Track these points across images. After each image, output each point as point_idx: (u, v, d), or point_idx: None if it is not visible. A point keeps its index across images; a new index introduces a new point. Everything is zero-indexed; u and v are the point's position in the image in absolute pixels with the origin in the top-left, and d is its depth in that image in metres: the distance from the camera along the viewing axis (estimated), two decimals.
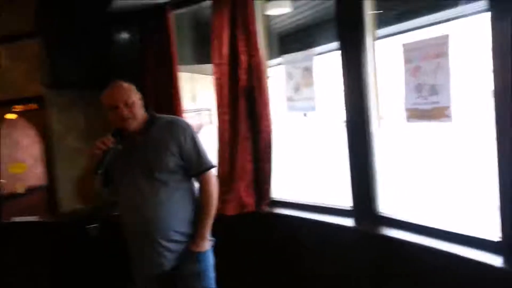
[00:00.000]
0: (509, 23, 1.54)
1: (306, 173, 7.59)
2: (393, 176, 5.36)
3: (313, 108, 2.50)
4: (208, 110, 4.77)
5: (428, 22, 2.17)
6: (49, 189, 3.45)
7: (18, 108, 3.66)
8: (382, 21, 2.29)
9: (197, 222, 1.92)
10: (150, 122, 1.93)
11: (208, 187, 1.93)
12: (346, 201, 2.35)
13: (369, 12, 2.17)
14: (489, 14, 1.63)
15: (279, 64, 2.90)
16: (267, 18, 2.97)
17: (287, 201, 2.69)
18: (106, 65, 3.09)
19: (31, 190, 4.24)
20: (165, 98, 3.03)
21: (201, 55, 3.70)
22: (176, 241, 1.88)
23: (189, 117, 3.07)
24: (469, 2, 1.88)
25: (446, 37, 1.79)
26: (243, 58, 2.64)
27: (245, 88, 2.67)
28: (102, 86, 3.22)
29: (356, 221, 2.26)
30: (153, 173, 1.84)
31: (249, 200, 2.66)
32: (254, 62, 2.62)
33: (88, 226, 3.13)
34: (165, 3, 2.94)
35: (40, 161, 3.99)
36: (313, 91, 2.47)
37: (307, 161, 8.44)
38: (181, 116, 3.03)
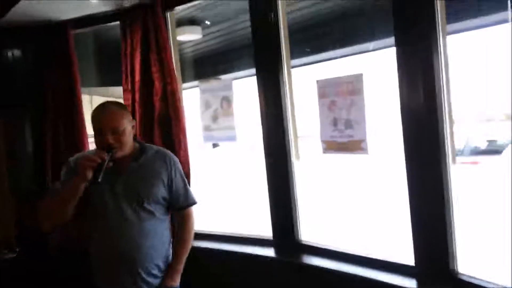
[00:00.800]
0: (414, 57, 1.70)
1: (226, 203, 7.53)
2: (312, 205, 5.61)
3: (233, 138, 2.48)
4: None
5: (341, 54, 2.31)
6: None
7: None
8: (296, 52, 2.39)
9: (173, 256, 1.91)
10: (140, 150, 1.87)
11: (190, 222, 1.95)
12: (266, 231, 2.37)
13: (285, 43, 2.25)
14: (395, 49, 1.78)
15: (193, 87, 2.86)
16: (178, 43, 2.91)
17: (206, 233, 2.62)
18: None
19: None
20: (67, 122, 2.79)
21: (105, 77, 3.48)
22: (154, 275, 1.84)
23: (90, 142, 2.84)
24: (379, 38, 2.04)
25: (360, 76, 1.91)
26: (158, 85, 2.53)
27: (160, 116, 2.56)
28: None
29: (277, 250, 2.29)
30: (142, 203, 1.79)
31: None
32: (169, 89, 2.53)
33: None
34: (65, 22, 2.72)
35: None
36: (232, 120, 2.46)
37: (226, 192, 8.38)
38: (86, 143, 2.81)
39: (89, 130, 3.11)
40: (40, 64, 2.83)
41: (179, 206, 1.92)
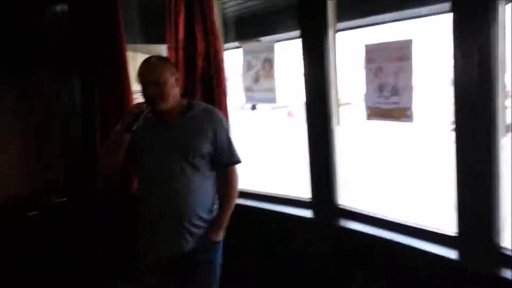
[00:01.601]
0: (470, 26, 1.63)
1: (266, 164, 7.59)
2: (353, 170, 5.58)
3: (273, 100, 2.49)
4: None
5: (391, 19, 2.22)
6: None
7: None
8: (343, 14, 2.32)
9: (218, 211, 1.97)
10: (188, 106, 1.90)
11: (234, 180, 1.98)
12: (305, 192, 2.42)
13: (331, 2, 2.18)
14: (451, 15, 1.69)
15: (235, 48, 2.86)
16: (220, 1, 2.88)
17: (246, 191, 2.69)
18: (41, 40, 2.84)
19: None
20: (113, 79, 2.86)
21: (149, 35, 3.50)
22: (198, 226, 1.90)
23: (136, 99, 2.92)
24: (434, 3, 1.94)
25: (409, 42, 1.85)
26: (201, 44, 2.54)
27: (203, 76, 2.59)
28: (37, 63, 3.02)
29: (315, 212, 2.34)
30: (188, 157, 1.84)
31: None
32: (212, 49, 2.54)
33: (28, 214, 2.92)
34: None
35: None
36: (273, 82, 2.46)
37: (267, 153, 8.44)
38: (129, 97, 2.89)
39: (134, 86, 3.21)
40: (86, 20, 2.88)
41: (223, 162, 1.94)
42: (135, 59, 3.67)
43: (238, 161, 1.98)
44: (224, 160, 1.94)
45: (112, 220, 2.92)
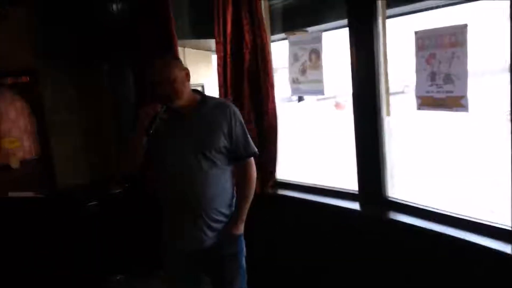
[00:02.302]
0: None
1: (313, 155, 7.55)
2: (402, 161, 5.41)
3: (321, 92, 2.47)
4: (201, 86, 4.68)
5: (444, 3, 2.12)
6: (43, 163, 3.40)
7: (8, 80, 3.51)
8: (393, 0, 2.24)
9: (237, 205, 1.97)
10: (201, 101, 1.91)
11: (250, 172, 1.97)
12: (351, 184, 2.38)
13: None
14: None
15: (282, 39, 2.85)
16: None
17: (293, 183, 2.71)
18: (100, 35, 2.98)
19: (22, 164, 4.15)
20: None
21: (198, 29, 3.58)
22: (217, 220, 1.91)
23: None
24: None
25: (464, 26, 1.76)
26: (248, 38, 2.57)
27: (250, 69, 2.62)
28: (94, 58, 3.19)
29: (362, 204, 2.30)
30: (205, 151, 1.84)
31: None
32: (259, 42, 2.56)
33: (88, 203, 3.11)
34: None
35: (28, 134, 3.90)
36: (321, 73, 2.43)
37: (313, 144, 8.39)
38: None
39: None
40: (139, 17, 3.00)
41: (239, 155, 1.93)
42: (184, 54, 3.79)
43: (255, 153, 1.97)
44: (241, 153, 1.93)
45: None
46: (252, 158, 1.98)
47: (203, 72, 4.40)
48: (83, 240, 3.10)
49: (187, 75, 1.88)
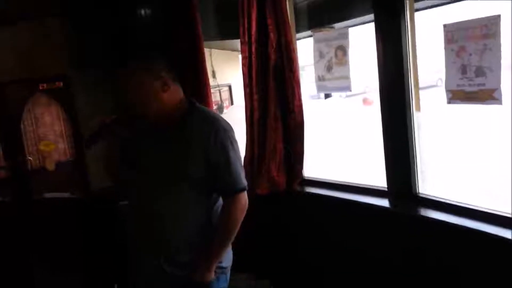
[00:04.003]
0: None
1: (339, 152, 7.50)
2: (434, 156, 5.26)
3: (347, 88, 2.45)
4: (228, 86, 4.71)
5: None
6: (77, 165, 3.51)
7: (43, 86, 3.65)
8: None
9: (207, 247, 1.55)
10: (185, 117, 1.55)
11: (231, 214, 1.56)
12: (381, 181, 2.35)
13: None
14: None
15: (308, 37, 2.84)
16: None
17: (320, 180, 2.69)
18: (131, 43, 3.05)
19: (58, 166, 4.31)
20: (191, 75, 2.99)
21: (223, 30, 3.61)
22: (180, 265, 1.57)
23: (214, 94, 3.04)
24: None
25: (497, 17, 1.71)
26: (273, 36, 2.57)
27: (275, 68, 2.62)
28: (124, 63, 3.26)
29: (392, 201, 2.26)
30: (176, 179, 1.51)
31: (281, 179, 2.67)
32: (284, 41, 2.56)
33: (120, 204, 3.19)
34: None
35: (62, 137, 4.05)
36: (347, 70, 2.41)
37: (340, 141, 8.34)
38: (208, 93, 3.00)
39: (212, 82, 3.35)
40: (167, 20, 3.05)
41: (220, 190, 1.57)
42: (210, 55, 3.82)
43: (240, 189, 1.55)
44: (221, 185, 1.55)
45: None
46: (240, 196, 1.56)
47: (230, 72, 4.45)
48: (116, 241, 3.18)
49: (164, 85, 1.52)
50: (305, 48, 2.87)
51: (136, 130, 1.60)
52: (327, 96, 3.39)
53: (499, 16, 1.70)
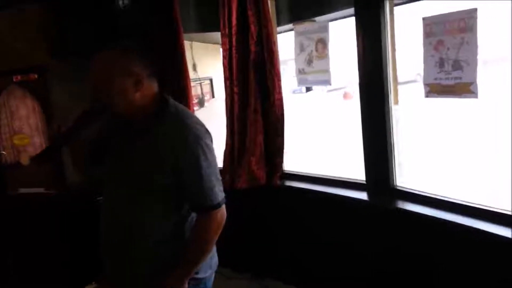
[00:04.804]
0: None
1: (319, 146, 7.54)
2: (411, 150, 5.33)
3: (327, 82, 2.45)
4: (210, 79, 4.67)
5: None
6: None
7: (17, 78, 3.55)
8: None
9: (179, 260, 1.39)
10: (160, 113, 1.39)
11: (204, 230, 1.39)
12: (359, 174, 2.36)
13: None
14: None
15: (289, 30, 2.83)
16: None
17: (300, 174, 2.69)
18: (113, 31, 2.99)
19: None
20: (171, 68, 2.95)
21: (204, 23, 3.57)
22: (144, 276, 1.41)
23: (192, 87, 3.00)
24: None
25: (473, 11, 1.72)
26: (254, 28, 2.55)
27: (256, 60, 2.60)
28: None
29: (370, 194, 2.28)
30: (140, 184, 1.37)
31: (261, 173, 2.65)
32: (265, 33, 2.54)
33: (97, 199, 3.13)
34: None
35: (38, 131, 3.95)
36: (327, 63, 2.41)
37: (320, 135, 8.38)
38: (188, 86, 2.96)
39: (192, 75, 3.30)
40: (145, 11, 3.00)
41: (190, 202, 1.40)
42: (191, 47, 3.78)
43: (212, 206, 1.37)
44: (192, 202, 1.39)
45: None
46: (214, 214, 1.37)
47: (211, 65, 4.41)
48: (93, 235, 3.12)
49: (138, 83, 1.34)
50: (287, 42, 2.86)
51: (108, 122, 1.49)
52: (308, 89, 3.39)
53: (475, 9, 1.72)
